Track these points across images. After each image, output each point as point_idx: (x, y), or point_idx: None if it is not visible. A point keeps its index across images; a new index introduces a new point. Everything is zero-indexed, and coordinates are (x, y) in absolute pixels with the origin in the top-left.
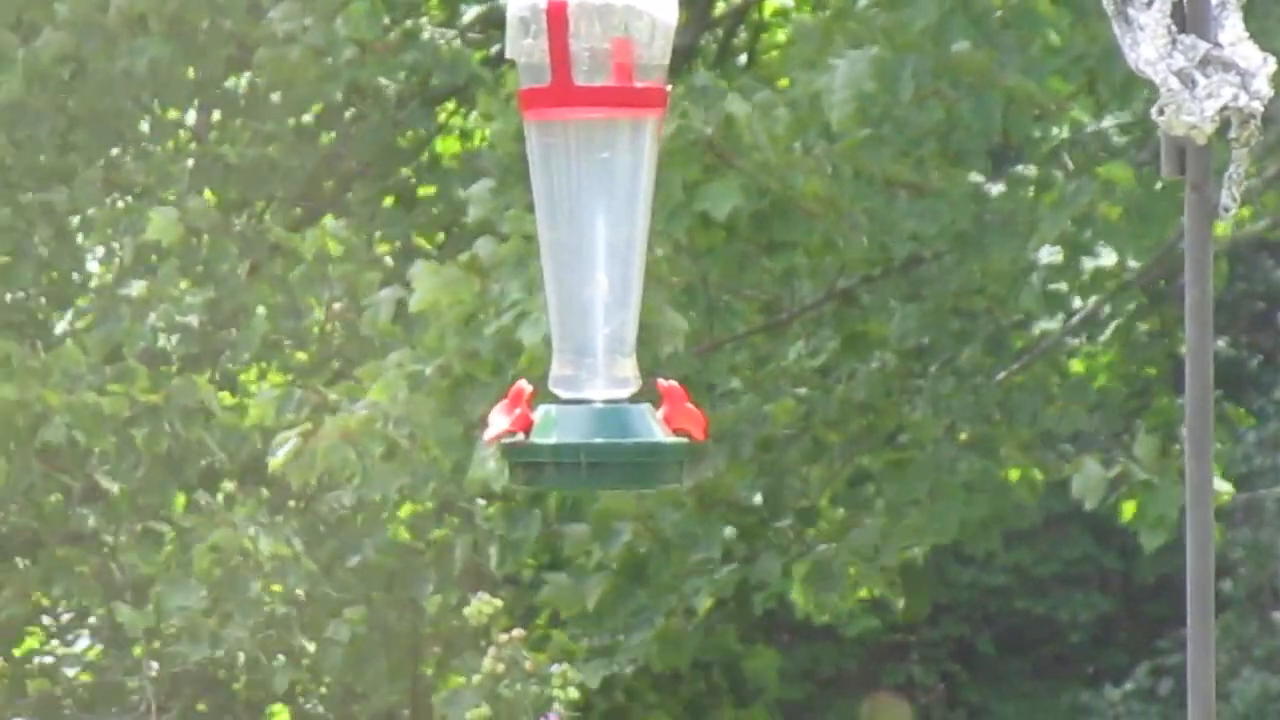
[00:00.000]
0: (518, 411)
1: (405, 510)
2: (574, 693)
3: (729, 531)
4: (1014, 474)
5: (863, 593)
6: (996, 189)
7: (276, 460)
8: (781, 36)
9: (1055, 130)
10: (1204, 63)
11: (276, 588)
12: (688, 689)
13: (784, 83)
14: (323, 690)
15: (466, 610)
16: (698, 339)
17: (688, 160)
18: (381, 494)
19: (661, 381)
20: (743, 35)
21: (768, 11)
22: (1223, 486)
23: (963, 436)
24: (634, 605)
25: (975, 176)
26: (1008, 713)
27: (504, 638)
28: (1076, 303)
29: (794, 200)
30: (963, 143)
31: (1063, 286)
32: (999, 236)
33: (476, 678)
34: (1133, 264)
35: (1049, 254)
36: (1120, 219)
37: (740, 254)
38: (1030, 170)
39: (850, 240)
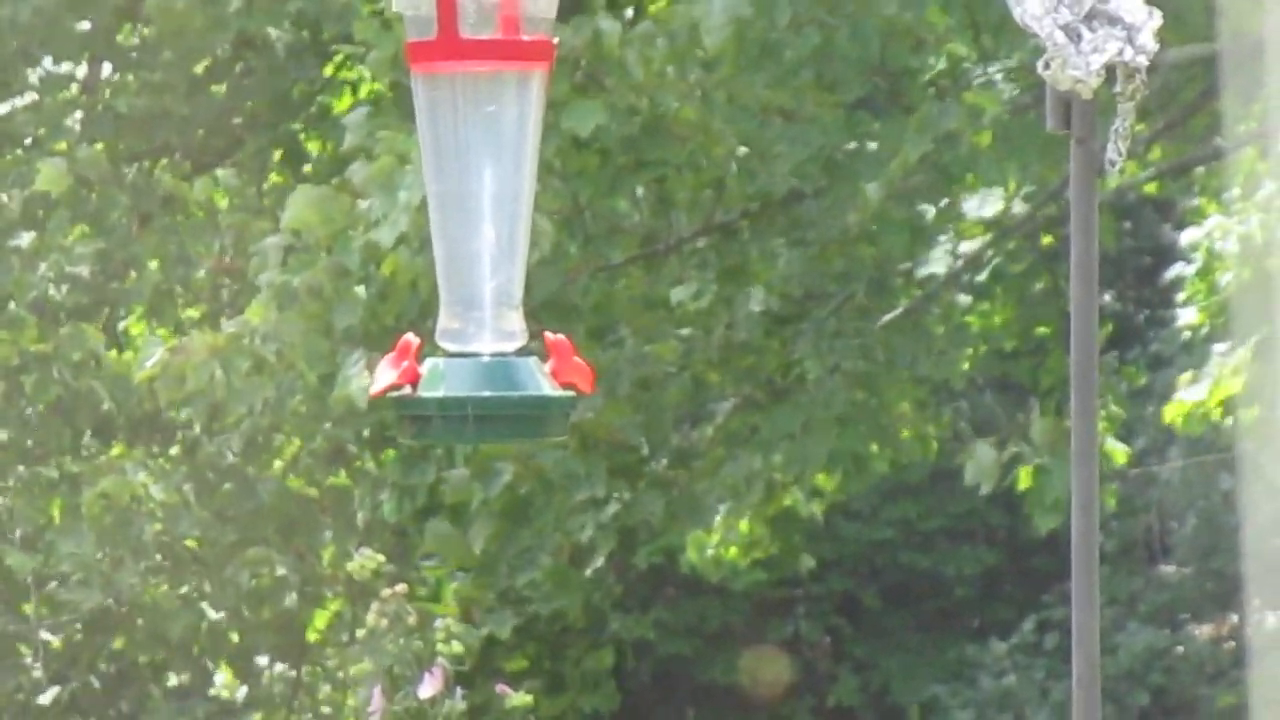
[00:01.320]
0: (405, 364)
1: (291, 451)
2: (458, 647)
3: (608, 470)
4: (906, 433)
5: (755, 553)
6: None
7: (144, 372)
8: None
9: (932, 61)
10: (1089, 17)
11: (164, 533)
12: (544, 628)
13: (662, 10)
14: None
15: (350, 565)
16: (575, 269)
17: (556, 78)
18: (253, 414)
19: (549, 335)
20: None
21: None
22: (1118, 447)
23: (844, 375)
24: (518, 546)
25: (849, 105)
26: (893, 666)
27: (387, 592)
28: (962, 248)
29: (665, 122)
30: (839, 72)
31: (933, 221)
32: (870, 165)
33: (361, 632)
34: (1017, 210)
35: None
36: (990, 148)
37: (611, 176)
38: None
39: (723, 165)
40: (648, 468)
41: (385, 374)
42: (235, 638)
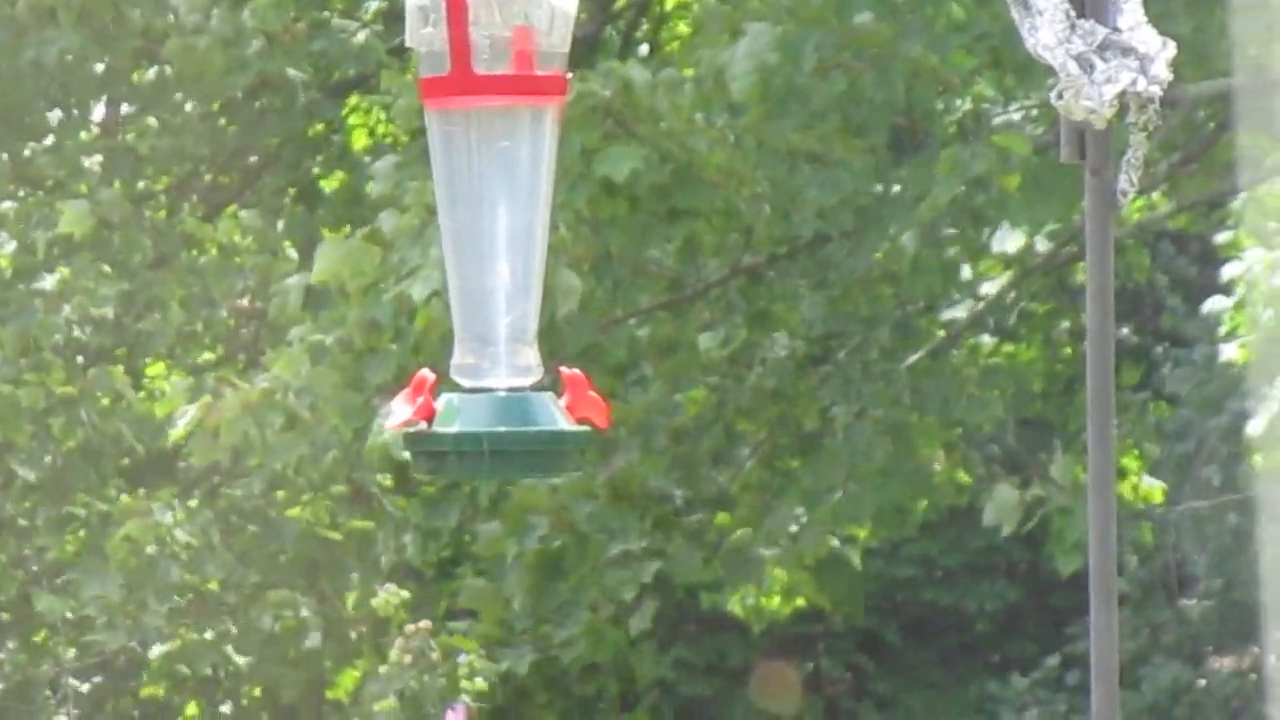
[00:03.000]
0: (420, 400)
1: (317, 501)
2: (481, 683)
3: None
4: (941, 476)
5: (796, 600)
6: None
7: (178, 430)
8: (684, 28)
9: (959, 103)
10: (1103, 47)
11: (191, 576)
12: (578, 689)
13: (688, 71)
14: (230, 692)
15: (374, 601)
16: (602, 314)
17: (587, 127)
18: (282, 465)
19: (564, 370)
20: (645, 27)
21: (669, 3)
22: (1154, 484)
23: (873, 421)
24: (555, 600)
25: (877, 149)
26: (915, 703)
27: (411, 628)
28: (985, 288)
29: (695, 169)
30: (865, 116)
31: (966, 268)
32: (898, 209)
33: (384, 668)
34: (1040, 248)
35: (945, 230)
36: (1018, 190)
37: (642, 224)
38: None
39: (753, 209)
40: (683, 519)
41: (401, 409)
42: (257, 691)
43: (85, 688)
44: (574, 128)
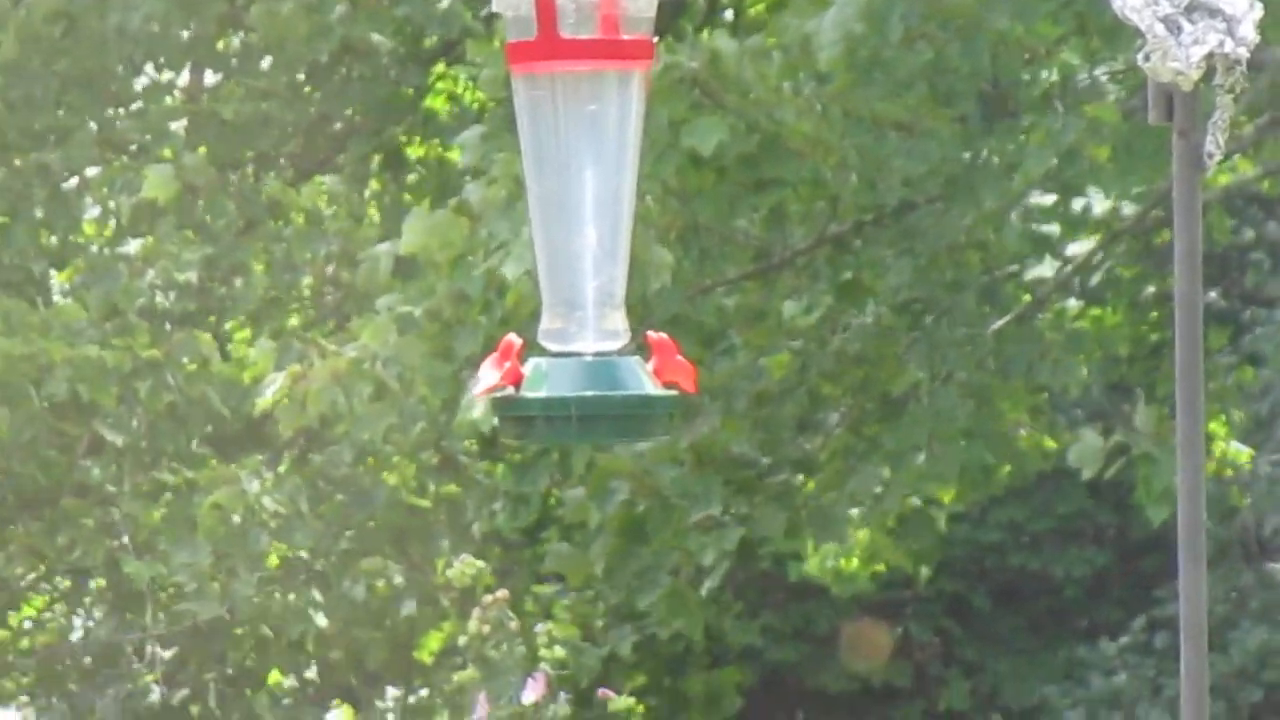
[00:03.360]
0: (508, 365)
1: (406, 468)
2: (560, 651)
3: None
4: (1023, 441)
5: (875, 565)
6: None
7: (264, 399)
8: None
9: (1045, 74)
10: (1190, 9)
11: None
12: (665, 648)
13: (771, 40)
14: (314, 655)
15: (450, 572)
16: (689, 285)
17: (674, 98)
18: (370, 435)
19: (651, 334)
20: None
21: None
22: (1242, 449)
23: (958, 385)
24: (638, 565)
25: (965, 117)
26: (1003, 668)
27: (489, 599)
28: (1071, 250)
29: (782, 139)
30: (952, 85)
31: (1053, 229)
32: (988, 178)
33: (463, 639)
34: (1126, 211)
35: (1037, 197)
36: (1108, 159)
37: (729, 195)
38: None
39: (840, 179)
40: (764, 482)
41: (488, 375)
42: (342, 654)
43: (168, 654)
44: (660, 99)
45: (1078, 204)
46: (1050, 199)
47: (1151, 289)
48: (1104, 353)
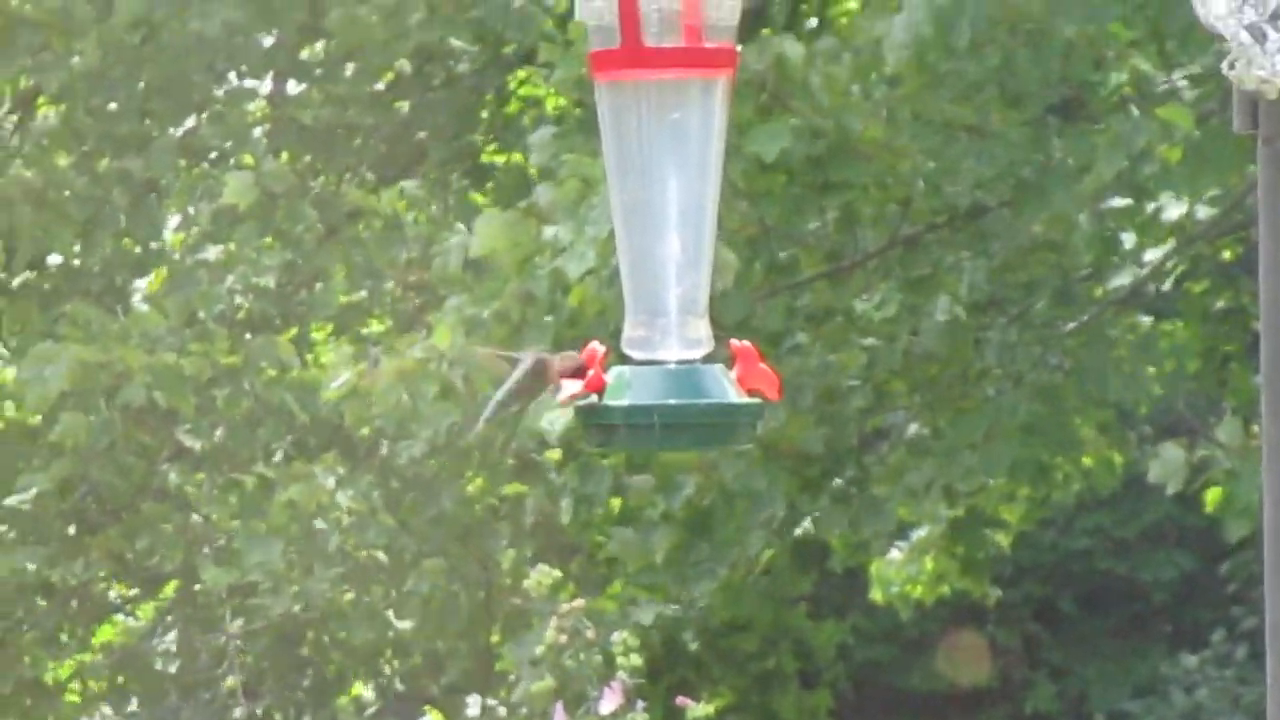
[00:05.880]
0: (591, 373)
1: (479, 469)
2: (636, 660)
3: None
4: (1089, 459)
5: (942, 588)
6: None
7: (330, 392)
8: (852, 2)
9: (1115, 76)
10: (1275, 16)
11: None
12: (755, 666)
13: (841, 41)
14: (395, 663)
15: (527, 582)
16: (758, 287)
17: (740, 100)
18: (433, 433)
19: (734, 342)
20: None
21: None
22: None
23: (1029, 386)
24: (697, 557)
25: (1036, 120)
26: (1089, 674)
27: (566, 607)
28: (1147, 257)
29: (850, 142)
30: (1021, 87)
31: (1128, 236)
32: (1059, 180)
33: (539, 649)
34: (1201, 216)
35: (1111, 201)
36: (1180, 161)
37: (797, 197)
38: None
39: (908, 181)
40: (830, 481)
41: (571, 383)
42: (421, 663)
43: (250, 658)
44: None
45: (1149, 208)
46: (1124, 203)
47: (1221, 303)
48: (1176, 366)
